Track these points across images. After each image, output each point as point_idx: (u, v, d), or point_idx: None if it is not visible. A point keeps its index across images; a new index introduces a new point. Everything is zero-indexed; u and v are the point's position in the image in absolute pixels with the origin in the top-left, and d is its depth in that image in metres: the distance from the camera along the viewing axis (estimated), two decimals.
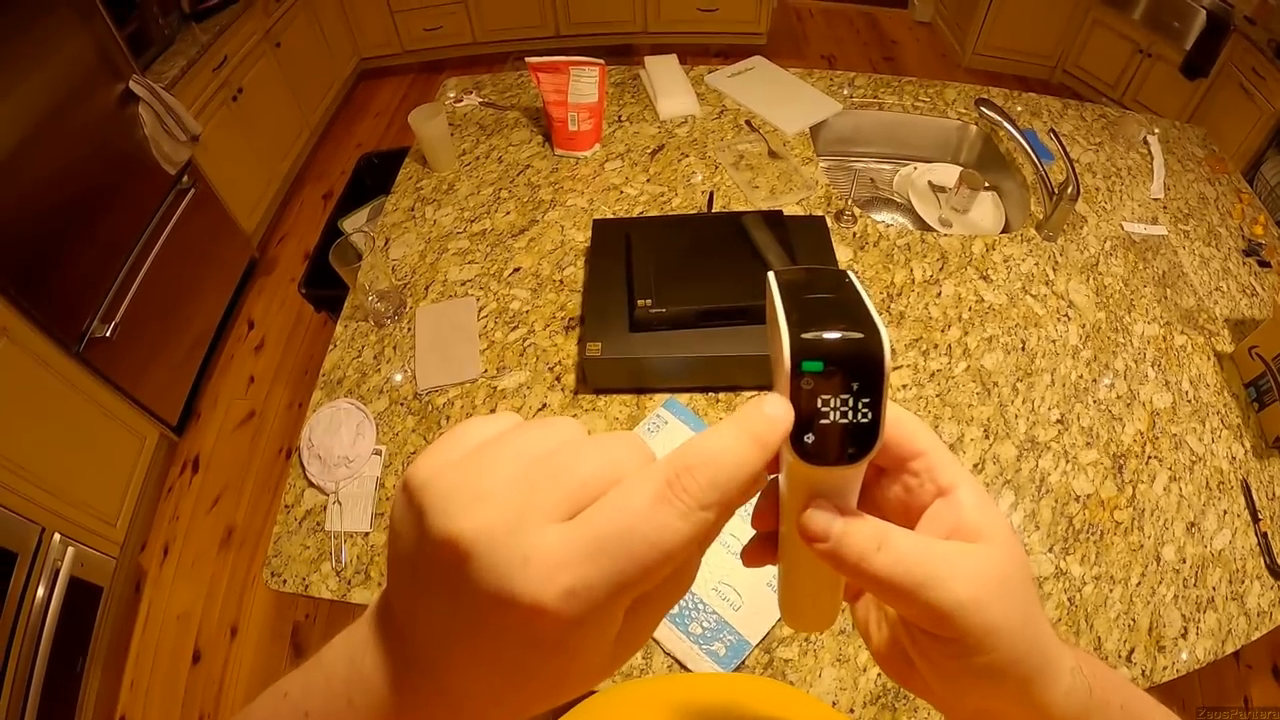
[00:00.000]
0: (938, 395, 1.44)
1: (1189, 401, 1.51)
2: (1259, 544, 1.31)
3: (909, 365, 1.49)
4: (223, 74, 3.18)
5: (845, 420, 0.32)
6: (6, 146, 2.07)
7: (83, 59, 2.38)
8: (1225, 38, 3.92)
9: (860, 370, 0.31)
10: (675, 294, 1.33)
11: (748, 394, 1.40)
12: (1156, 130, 2.28)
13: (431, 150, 1.91)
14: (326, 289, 2.09)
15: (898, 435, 0.35)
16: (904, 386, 1.45)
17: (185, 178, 2.83)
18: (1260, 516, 1.35)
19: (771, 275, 0.36)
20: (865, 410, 0.32)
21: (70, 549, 2.03)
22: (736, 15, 4.78)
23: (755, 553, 0.41)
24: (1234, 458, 1.43)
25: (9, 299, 2.02)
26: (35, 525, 1.94)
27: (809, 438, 0.32)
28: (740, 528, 0.39)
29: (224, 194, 3.11)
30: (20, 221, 2.10)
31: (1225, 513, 1.34)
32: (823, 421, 0.32)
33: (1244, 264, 1.88)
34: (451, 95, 2.21)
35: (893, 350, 0.32)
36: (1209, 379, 1.56)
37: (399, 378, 1.45)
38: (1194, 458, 1.41)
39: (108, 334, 2.31)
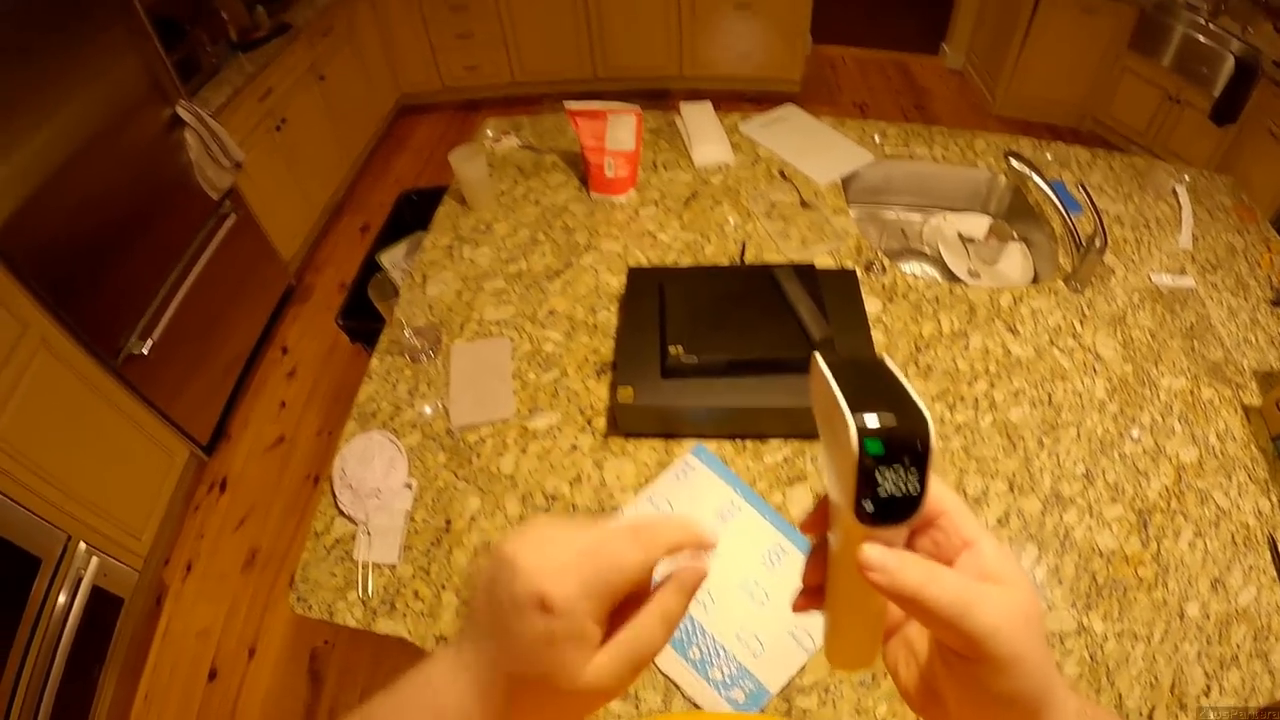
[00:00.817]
0: (963, 448, 1.45)
1: (1215, 456, 1.50)
2: None
3: (935, 418, 1.49)
4: (267, 104, 3.27)
5: (899, 492, 0.38)
6: (55, 162, 2.13)
7: (132, 81, 2.45)
8: (1254, 83, 3.94)
9: (911, 450, 0.37)
10: (707, 343, 1.36)
11: (775, 443, 1.41)
12: (1185, 179, 2.29)
13: (470, 190, 1.96)
14: (363, 321, 2.13)
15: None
16: None
17: (227, 203, 2.91)
18: None
19: (819, 358, 0.42)
20: (915, 482, 0.38)
21: (95, 558, 2.07)
22: (771, 62, 4.84)
23: (804, 602, 0.48)
24: (1260, 513, 1.42)
25: (51, 311, 2.08)
26: (61, 532, 1.98)
27: (867, 504, 0.38)
28: (765, 577, 0.45)
29: (264, 221, 3.19)
30: (65, 237, 2.17)
31: (1251, 568, 1.33)
32: (879, 491, 0.37)
33: (1273, 314, 1.87)
34: (490, 135, 2.27)
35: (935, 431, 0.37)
36: (1236, 433, 1.56)
37: (431, 413, 1.48)
38: (1220, 513, 1.41)
39: (145, 351, 2.37)
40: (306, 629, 2.36)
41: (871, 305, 1.71)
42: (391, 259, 2.33)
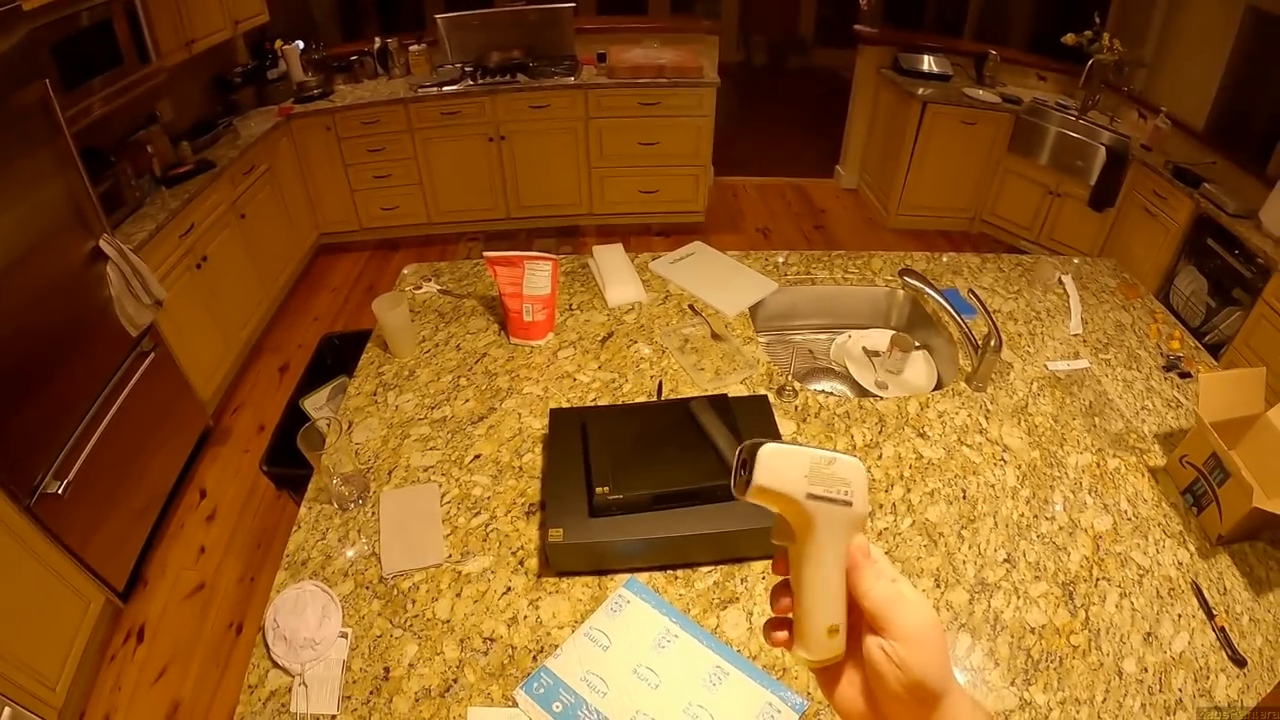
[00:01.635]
0: (887, 552, 1.50)
1: (1129, 519, 1.62)
2: (1218, 638, 1.39)
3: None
4: (188, 241, 3.32)
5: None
6: None
7: (55, 209, 2.47)
8: (1126, 168, 4.32)
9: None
10: (631, 480, 1.42)
11: (705, 569, 1.46)
12: (1069, 269, 2.49)
13: (393, 337, 2.01)
14: (287, 467, 2.13)
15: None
16: None
17: (146, 340, 2.90)
18: (1215, 613, 1.43)
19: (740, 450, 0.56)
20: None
21: (6, 709, 2.00)
22: (676, 195, 5.08)
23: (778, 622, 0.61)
24: (1180, 563, 1.53)
25: None
26: None
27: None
28: (709, 699, 0.50)
29: (182, 360, 3.18)
30: None
31: (1180, 616, 1.42)
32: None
33: (1166, 379, 2.05)
34: (411, 283, 2.34)
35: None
36: (1146, 494, 1.68)
37: (364, 561, 1.49)
38: (1141, 571, 1.50)
39: (59, 491, 2.32)
40: None
41: (786, 427, 1.80)
42: (315, 404, 2.35)
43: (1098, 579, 1.49)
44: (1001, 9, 7.49)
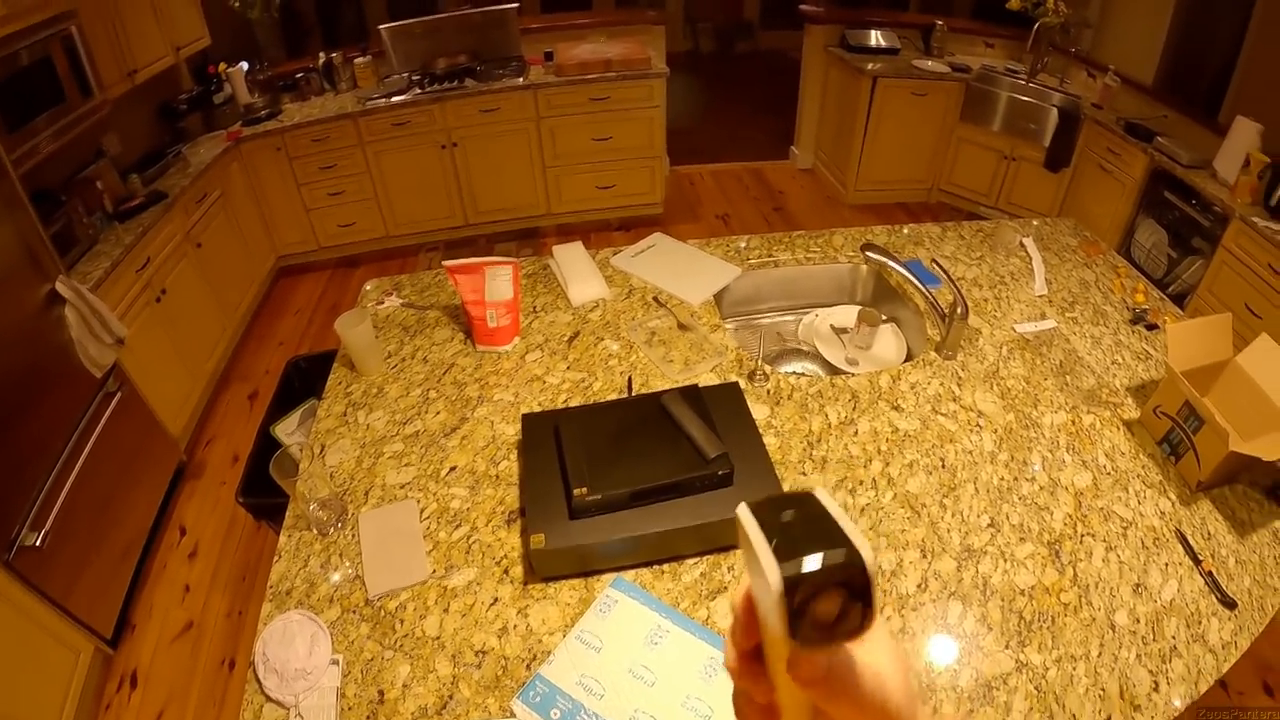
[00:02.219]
0: (871, 528, 1.52)
1: (1108, 474, 1.64)
2: (1206, 583, 1.41)
3: (839, 505, 1.56)
4: (146, 275, 3.27)
5: (840, 625, 0.38)
6: None
7: (6, 255, 2.42)
8: (1078, 128, 4.39)
9: (851, 583, 0.37)
10: (608, 480, 1.42)
11: (690, 561, 1.47)
12: (1030, 232, 2.52)
13: (359, 355, 2.00)
14: (264, 497, 2.11)
15: None
16: None
17: (111, 380, 2.85)
18: (1201, 558, 1.46)
19: (742, 514, 0.41)
20: (856, 616, 0.38)
21: None
22: (633, 189, 5.08)
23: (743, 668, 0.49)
24: (1163, 512, 1.55)
25: None
26: None
27: (807, 634, 0.37)
28: (706, 692, 0.48)
29: (150, 397, 3.13)
30: None
31: (1167, 565, 1.45)
32: (820, 626, 0.38)
33: (1134, 332, 2.08)
34: (373, 299, 2.32)
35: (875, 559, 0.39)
36: (1123, 448, 1.71)
37: (348, 585, 1.48)
38: (1125, 524, 1.53)
39: (37, 542, 2.27)
40: None
41: (759, 412, 1.81)
42: (286, 430, 2.33)
43: (1082, 535, 1.51)
44: None
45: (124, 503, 2.88)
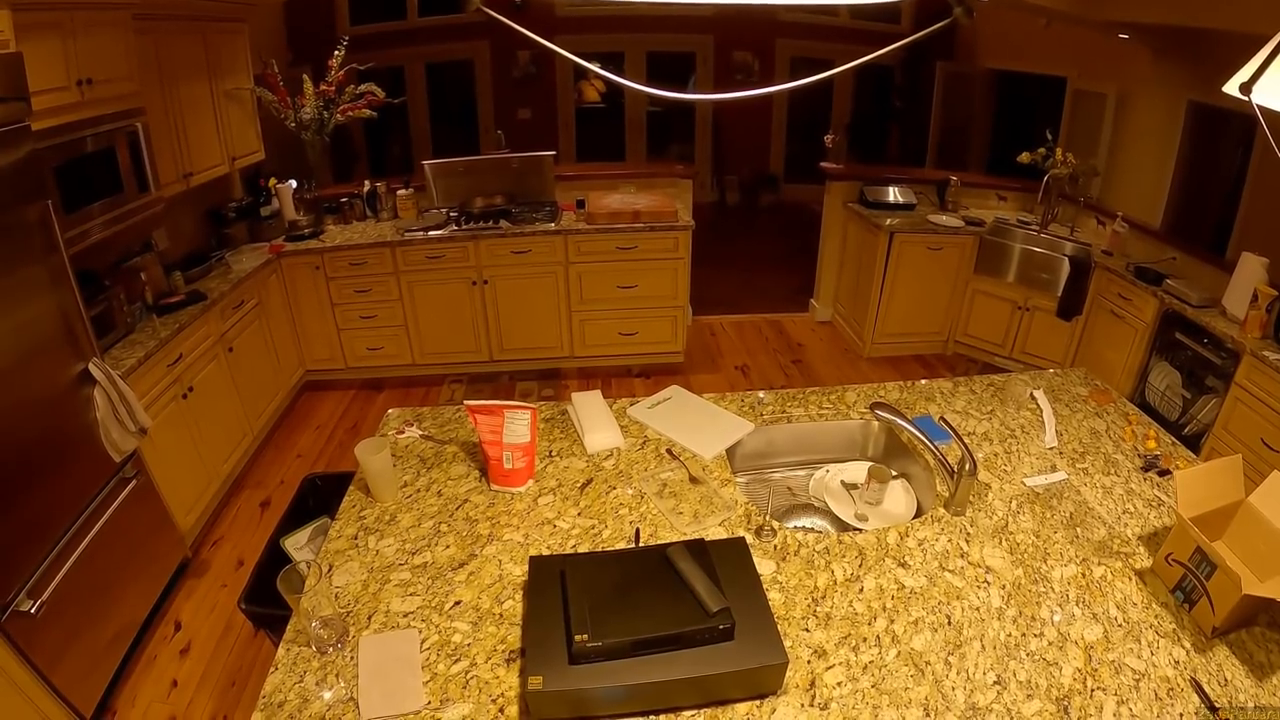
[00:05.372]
0: (873, 686, 1.50)
1: (1120, 625, 1.62)
2: None
3: (841, 663, 1.56)
4: (176, 370, 3.38)
5: None
6: None
7: (47, 327, 2.52)
8: (1089, 275, 4.49)
9: None
10: (610, 627, 1.44)
11: (688, 713, 1.46)
12: (1040, 384, 2.56)
13: (375, 481, 2.05)
14: (266, 607, 2.13)
15: None
16: (838, 684, 1.51)
17: (128, 467, 2.91)
18: (1217, 706, 1.42)
19: None
20: None
21: None
22: (655, 337, 5.18)
23: None
24: (1177, 662, 1.53)
25: None
26: None
27: None
28: None
29: (164, 489, 3.18)
30: None
31: (1182, 715, 1.41)
32: None
33: (1145, 479, 2.08)
34: (393, 427, 2.39)
35: None
36: (1135, 598, 1.69)
37: (341, 705, 1.48)
38: (1137, 676, 1.50)
39: (32, 610, 2.29)
40: None
41: (765, 567, 1.82)
42: (295, 543, 2.37)
43: (1093, 690, 1.48)
44: (959, 136, 7.91)
45: (123, 587, 2.89)
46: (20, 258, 2.43)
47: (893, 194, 5.52)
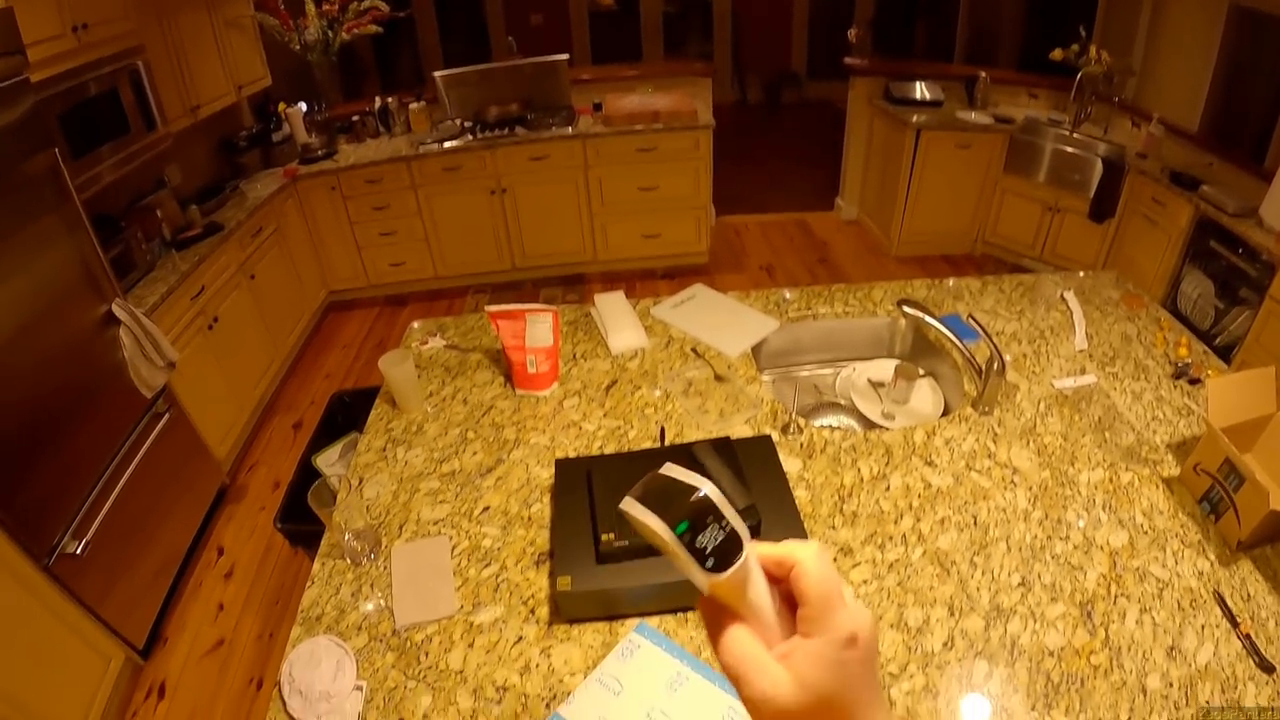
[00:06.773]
0: (898, 584, 1.50)
1: (1146, 533, 1.60)
2: (1244, 646, 1.36)
3: (867, 561, 1.56)
4: (200, 302, 3.40)
5: (716, 543, 0.48)
6: None
7: (66, 274, 2.52)
8: (1123, 178, 4.34)
9: (707, 513, 0.48)
10: None
11: None
12: (1072, 286, 2.50)
13: (400, 393, 2.05)
14: (302, 524, 2.16)
15: (774, 556, 0.50)
16: (864, 582, 1.51)
17: (160, 402, 2.94)
18: (1239, 620, 1.40)
19: (626, 507, 0.49)
20: (722, 533, 0.48)
21: None
22: (678, 238, 5.13)
23: None
24: (1201, 573, 1.50)
25: None
26: None
27: (708, 563, 0.47)
28: None
29: (197, 420, 3.23)
30: None
31: (1204, 627, 1.40)
32: (705, 549, 0.47)
33: (1175, 387, 2.03)
34: (417, 339, 2.38)
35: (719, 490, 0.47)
36: (1161, 506, 1.66)
37: (377, 614, 1.51)
38: (1161, 584, 1.48)
39: (78, 550, 2.35)
40: None
41: (791, 465, 1.81)
42: (327, 461, 2.39)
43: (1116, 596, 1.47)
44: (989, 31, 7.63)
45: (165, 519, 2.96)
46: (34, 209, 2.42)
47: (920, 90, 5.33)
